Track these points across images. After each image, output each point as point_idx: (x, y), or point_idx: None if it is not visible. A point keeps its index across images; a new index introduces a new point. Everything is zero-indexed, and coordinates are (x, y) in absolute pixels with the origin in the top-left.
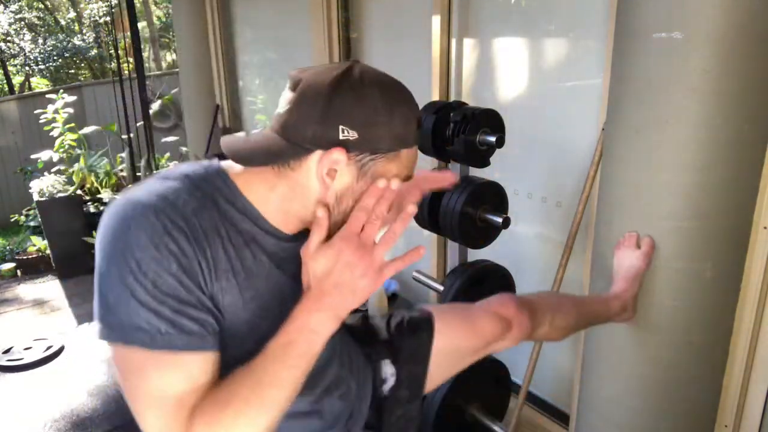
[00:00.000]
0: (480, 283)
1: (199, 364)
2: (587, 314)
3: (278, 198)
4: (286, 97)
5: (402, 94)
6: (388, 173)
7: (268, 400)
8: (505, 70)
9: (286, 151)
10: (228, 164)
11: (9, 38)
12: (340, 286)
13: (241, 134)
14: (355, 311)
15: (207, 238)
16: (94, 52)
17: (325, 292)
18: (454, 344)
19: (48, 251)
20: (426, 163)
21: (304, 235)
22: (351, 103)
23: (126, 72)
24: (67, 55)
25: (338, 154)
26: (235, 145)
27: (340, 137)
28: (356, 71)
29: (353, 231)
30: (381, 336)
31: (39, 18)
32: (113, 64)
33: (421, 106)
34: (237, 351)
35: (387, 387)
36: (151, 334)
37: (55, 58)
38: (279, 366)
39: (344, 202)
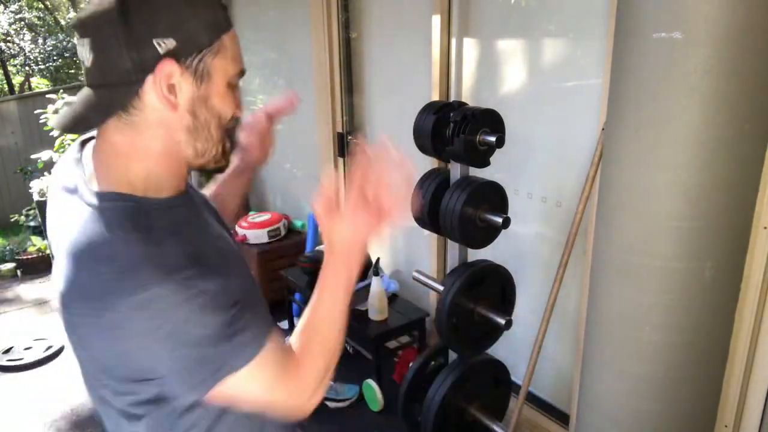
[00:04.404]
0: (480, 283)
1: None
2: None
3: (143, 163)
4: (83, 47)
5: None
6: (224, 67)
7: (336, 329)
8: (505, 70)
9: (117, 96)
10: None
11: (9, 38)
12: (360, 242)
13: (63, 111)
14: None
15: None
16: None
17: (351, 253)
18: None
19: (48, 251)
20: (426, 162)
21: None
22: (147, 14)
23: None
24: (67, 55)
25: (168, 66)
26: (65, 120)
27: (161, 51)
28: None
29: (362, 195)
30: None
31: (39, 18)
32: None
33: (421, 107)
34: None
35: None
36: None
37: (55, 58)
38: (335, 307)
39: (200, 113)
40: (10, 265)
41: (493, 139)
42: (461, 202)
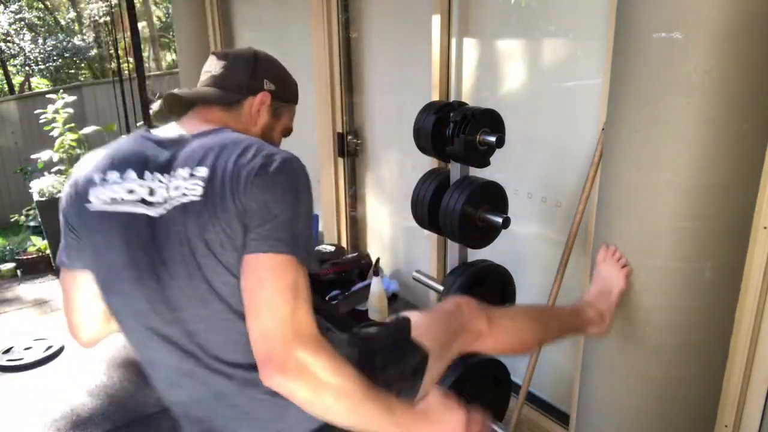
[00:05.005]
0: (480, 283)
1: None
2: (553, 319)
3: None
4: (218, 63)
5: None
6: (286, 121)
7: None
8: (505, 70)
9: (227, 96)
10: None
11: (9, 38)
12: None
13: (170, 97)
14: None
15: None
16: (94, 52)
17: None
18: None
19: (48, 251)
20: (426, 162)
21: None
22: (269, 65)
23: (126, 72)
24: (67, 55)
25: (265, 97)
26: (190, 95)
27: (265, 87)
28: (260, 51)
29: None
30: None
31: (39, 18)
32: (113, 64)
33: (421, 106)
34: None
35: None
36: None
37: (55, 58)
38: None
39: (266, 135)
40: (10, 265)
41: (493, 139)
42: (461, 202)
